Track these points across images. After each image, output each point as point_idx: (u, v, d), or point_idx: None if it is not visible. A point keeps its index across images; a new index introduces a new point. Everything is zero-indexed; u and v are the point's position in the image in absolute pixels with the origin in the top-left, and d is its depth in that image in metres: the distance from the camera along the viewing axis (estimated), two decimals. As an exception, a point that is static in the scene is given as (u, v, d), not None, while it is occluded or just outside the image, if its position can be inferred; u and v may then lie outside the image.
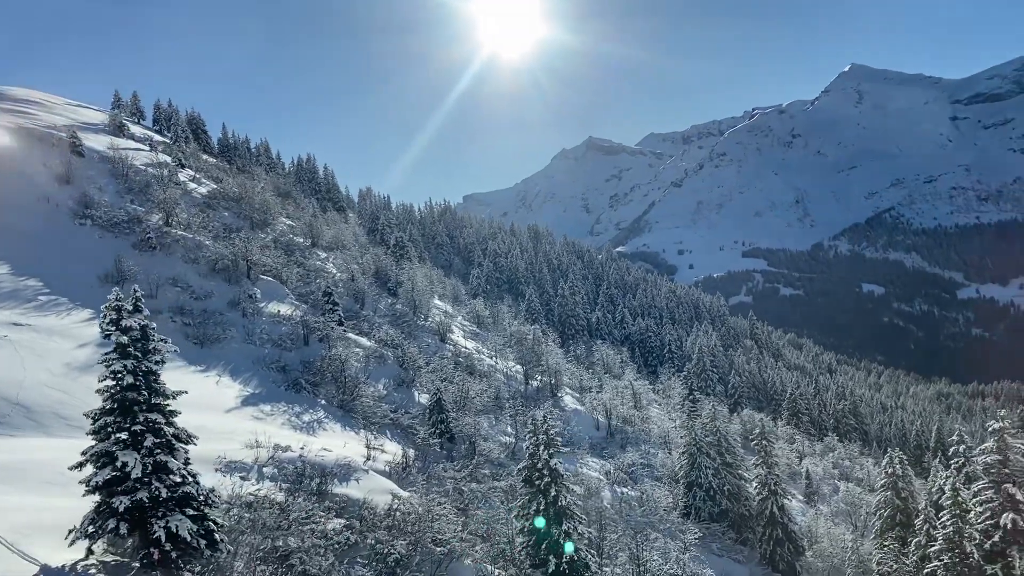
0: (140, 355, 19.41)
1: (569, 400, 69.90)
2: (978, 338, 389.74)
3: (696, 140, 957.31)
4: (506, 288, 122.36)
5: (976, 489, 30.57)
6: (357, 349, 54.60)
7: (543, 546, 25.92)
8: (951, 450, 39.77)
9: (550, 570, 25.53)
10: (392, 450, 40.31)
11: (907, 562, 36.24)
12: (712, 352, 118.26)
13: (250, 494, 26.43)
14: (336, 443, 37.89)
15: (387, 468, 36.36)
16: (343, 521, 26.58)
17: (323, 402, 45.16)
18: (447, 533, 27.10)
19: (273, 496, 26.65)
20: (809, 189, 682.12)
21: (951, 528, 30.36)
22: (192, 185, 75.86)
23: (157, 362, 19.94)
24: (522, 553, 26.59)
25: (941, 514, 31.50)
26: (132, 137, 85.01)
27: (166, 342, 20.62)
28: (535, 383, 70.19)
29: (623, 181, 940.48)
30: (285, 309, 56.13)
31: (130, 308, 19.65)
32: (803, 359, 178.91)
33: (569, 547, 25.60)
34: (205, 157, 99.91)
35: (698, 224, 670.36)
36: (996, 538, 29.39)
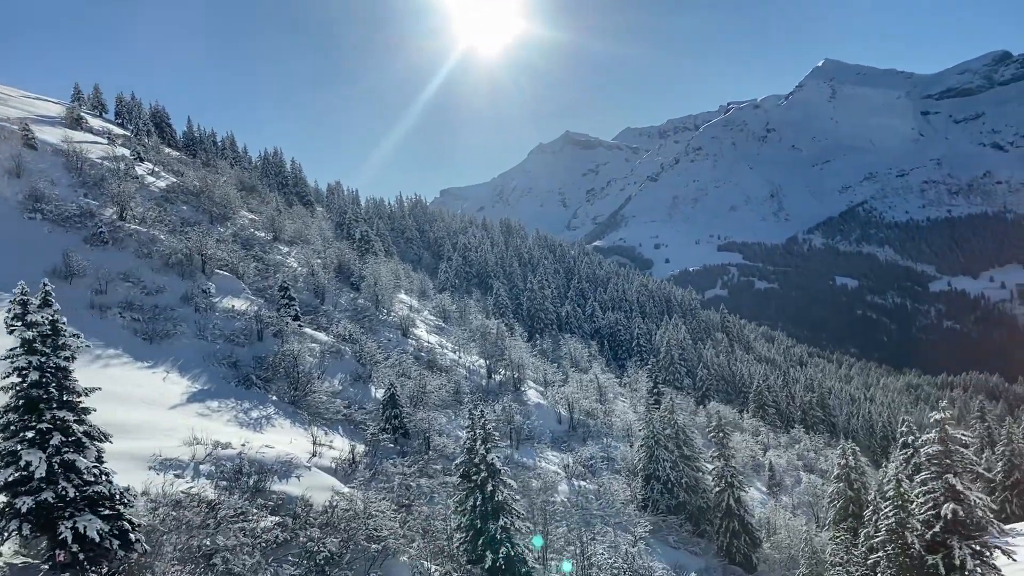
0: (49, 351, 18.82)
1: (533, 394, 69.65)
2: (949, 330, 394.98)
3: (672, 135, 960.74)
4: (476, 282, 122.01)
5: (919, 479, 30.60)
6: (313, 344, 53.99)
7: (479, 542, 25.59)
8: (900, 440, 39.94)
9: (487, 566, 25.22)
10: (342, 446, 39.83)
11: (856, 553, 36.28)
12: (681, 345, 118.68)
13: (183, 492, 25.94)
14: (283, 439, 37.37)
15: (333, 465, 35.89)
16: (277, 519, 26.14)
17: (274, 398, 44.52)
18: (384, 530, 26.73)
19: (204, 494, 26.13)
20: (784, 183, 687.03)
21: (893, 519, 30.35)
22: (150, 179, 74.67)
23: (67, 358, 19.35)
24: (459, 549, 26.25)
25: (884, 505, 31.51)
26: (90, 130, 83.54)
27: (79, 337, 20.02)
28: (499, 377, 69.89)
29: (600, 175, 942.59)
30: (240, 304, 55.30)
31: (38, 303, 19.04)
32: (774, 352, 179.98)
33: (506, 544, 25.26)
34: (168, 151, 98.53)
35: (674, 218, 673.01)
36: (937, 528, 29.41)
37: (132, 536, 19.54)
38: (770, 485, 72.99)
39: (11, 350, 18.77)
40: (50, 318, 19.04)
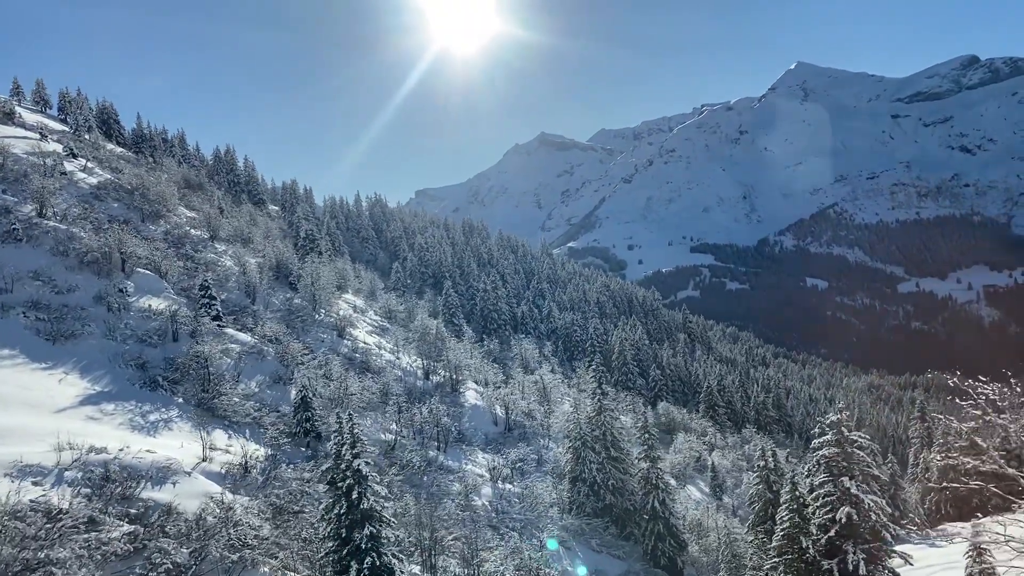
0: None
1: (471, 395, 68.45)
2: (917, 331, 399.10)
3: (647, 136, 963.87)
4: (431, 283, 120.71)
5: (817, 482, 29.83)
6: (232, 345, 52.47)
7: (344, 552, 24.39)
8: (814, 442, 39.13)
9: (351, 576, 24.00)
10: (244, 450, 38.38)
11: (764, 556, 35.50)
12: (637, 346, 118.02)
13: (30, 500, 24.52)
14: (174, 444, 35.95)
15: (223, 470, 34.48)
16: (130, 528, 24.79)
17: (180, 400, 43.02)
18: (248, 538, 25.49)
19: (53, 502, 24.70)
20: (756, 185, 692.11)
21: (788, 523, 29.57)
22: (81, 175, 72.62)
23: None
24: (326, 559, 25.03)
25: (780, 509, 30.73)
26: (23, 125, 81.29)
27: None
28: (437, 379, 68.66)
29: (575, 176, 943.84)
30: (159, 303, 53.63)
31: None
32: (736, 352, 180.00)
33: (371, 553, 24.09)
34: (111, 147, 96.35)
35: (648, 219, 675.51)
36: (832, 533, 28.66)
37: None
38: (713, 486, 72.37)
39: None
40: None
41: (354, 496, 24.45)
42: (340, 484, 24.75)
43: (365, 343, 69.90)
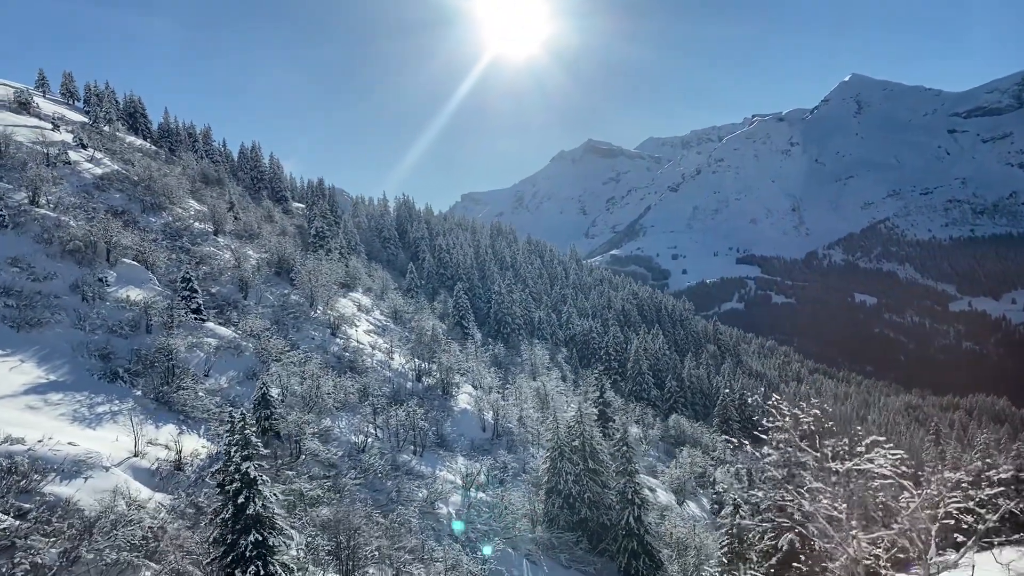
0: None
1: (463, 399, 66.83)
2: (969, 351, 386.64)
3: (695, 145, 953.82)
4: (450, 284, 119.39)
5: (763, 507, 27.57)
6: (209, 339, 51.56)
7: (230, 559, 22.89)
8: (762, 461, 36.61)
9: (234, 585, 22.51)
10: (179, 447, 36.93)
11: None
12: (656, 355, 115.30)
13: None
14: (109, 437, 34.87)
15: (154, 466, 33.30)
16: (9, 523, 23.60)
17: (138, 393, 42.03)
18: (135, 539, 24.16)
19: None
20: (805, 197, 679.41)
21: (727, 548, 27.34)
22: (87, 165, 72.88)
23: None
24: (211, 565, 23.56)
25: (718, 534, 28.48)
26: (37, 115, 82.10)
27: None
28: (430, 380, 67.15)
29: (620, 184, 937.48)
30: (142, 295, 52.99)
31: None
32: (768, 367, 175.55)
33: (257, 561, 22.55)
34: (131, 139, 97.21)
35: (693, 229, 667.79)
36: (774, 560, 26.41)
37: None
38: (713, 503, 69.62)
39: None
40: None
41: (240, 500, 22.92)
42: (228, 487, 23.24)
43: (359, 342, 68.70)
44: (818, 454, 17.59)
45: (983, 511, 14.72)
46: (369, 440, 49.26)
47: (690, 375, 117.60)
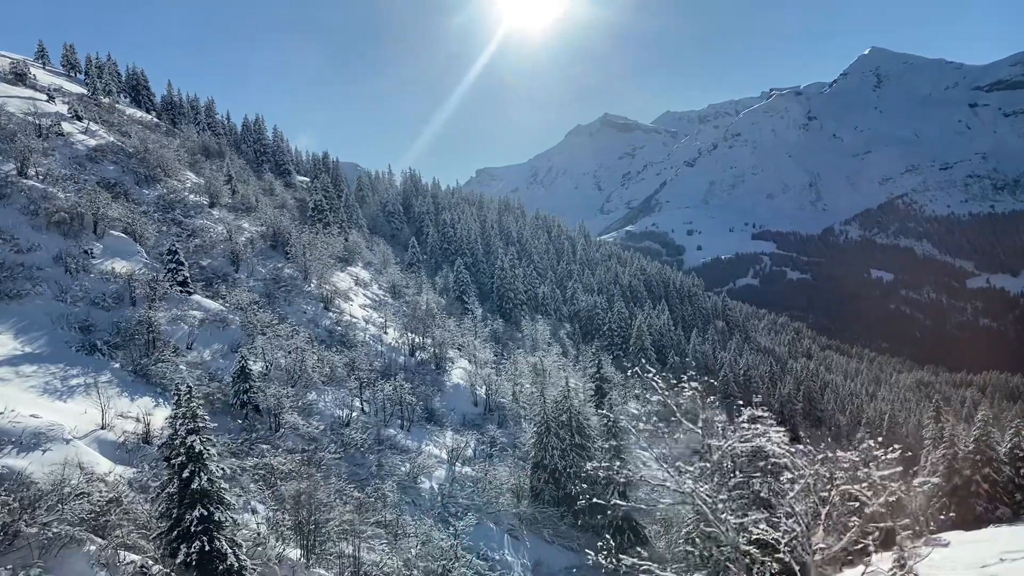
0: None
1: (457, 374, 66.34)
2: (986, 328, 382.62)
3: (712, 120, 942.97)
4: (454, 259, 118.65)
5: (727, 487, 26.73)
6: (194, 312, 51.15)
7: (175, 533, 22.43)
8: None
9: (179, 560, 22.06)
10: (148, 420, 36.44)
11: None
12: (660, 331, 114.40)
13: None
14: (77, 410, 34.52)
15: (121, 439, 32.97)
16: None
17: (117, 366, 41.69)
18: (83, 512, 23.72)
19: None
20: (823, 173, 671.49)
21: (691, 525, 26.66)
22: (81, 136, 72.38)
23: None
24: (160, 539, 23.11)
25: (686, 507, 27.80)
26: (33, 86, 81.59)
27: None
28: (423, 355, 66.66)
29: (636, 159, 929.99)
30: (129, 267, 52.56)
31: None
32: (777, 343, 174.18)
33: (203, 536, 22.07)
34: (131, 111, 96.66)
35: (709, 204, 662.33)
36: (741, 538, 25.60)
37: None
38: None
39: None
40: None
41: (185, 475, 22.41)
42: (173, 461, 22.71)
43: (352, 316, 68.22)
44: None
45: (869, 495, 13.85)
46: (354, 414, 48.88)
47: (695, 351, 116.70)
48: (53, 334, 42.48)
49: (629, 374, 36.61)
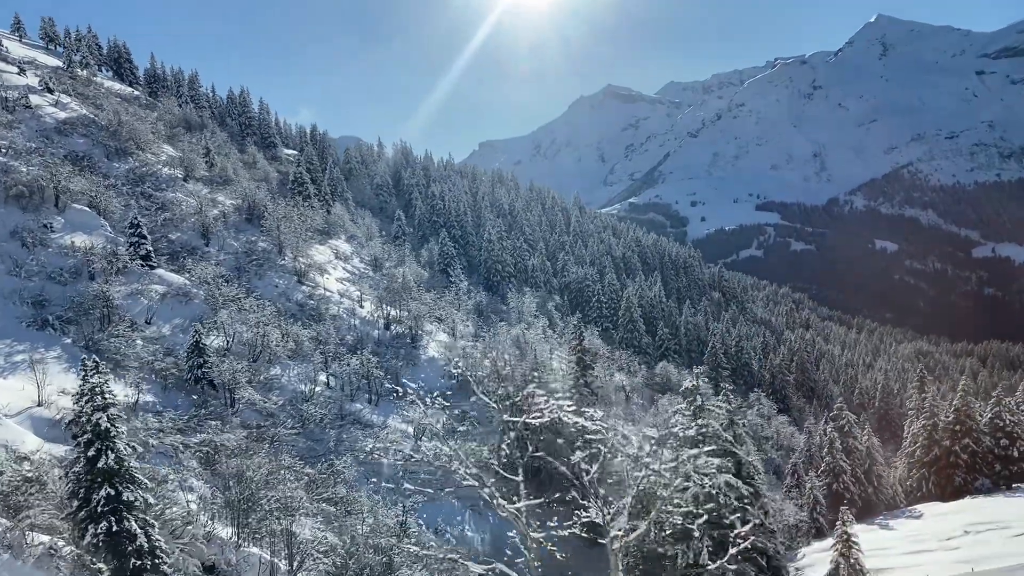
0: None
1: (433, 348, 65.39)
2: (991, 298, 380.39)
3: (716, 90, 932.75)
4: (441, 231, 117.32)
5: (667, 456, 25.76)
6: (156, 286, 50.23)
7: (83, 513, 21.55)
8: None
9: (85, 540, 21.21)
10: (118, 395, 35.73)
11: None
12: (651, 303, 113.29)
13: None
14: (15, 386, 33.73)
15: (58, 416, 32.13)
16: None
17: (68, 342, 40.88)
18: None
19: None
20: (828, 143, 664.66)
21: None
22: (51, 109, 71.15)
23: None
24: (71, 519, 22.25)
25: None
26: (4, 59, 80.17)
27: None
28: (399, 328, 65.69)
29: (640, 130, 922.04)
30: (86, 240, 51.53)
31: None
32: (774, 314, 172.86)
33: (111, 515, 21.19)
34: (109, 84, 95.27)
35: (713, 176, 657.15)
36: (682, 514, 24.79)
37: None
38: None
39: None
40: None
41: (92, 453, 21.47)
42: (79, 439, 21.77)
43: (327, 290, 67.23)
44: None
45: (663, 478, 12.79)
46: (318, 389, 48.03)
47: (686, 323, 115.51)
48: (4, 309, 41.65)
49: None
